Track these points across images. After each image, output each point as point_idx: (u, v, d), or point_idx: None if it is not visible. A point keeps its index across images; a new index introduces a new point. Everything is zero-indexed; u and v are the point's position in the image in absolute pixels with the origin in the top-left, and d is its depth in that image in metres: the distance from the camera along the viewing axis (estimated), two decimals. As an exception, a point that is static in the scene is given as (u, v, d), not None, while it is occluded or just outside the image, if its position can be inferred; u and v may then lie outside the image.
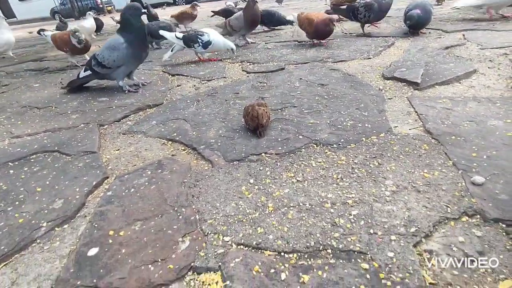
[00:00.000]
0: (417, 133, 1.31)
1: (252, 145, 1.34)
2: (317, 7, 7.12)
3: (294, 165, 1.16)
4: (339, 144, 1.27)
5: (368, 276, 0.71)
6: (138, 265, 0.81)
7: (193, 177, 1.16)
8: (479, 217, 0.84)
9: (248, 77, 2.38)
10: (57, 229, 0.98)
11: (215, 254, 0.81)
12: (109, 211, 1.02)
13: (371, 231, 0.82)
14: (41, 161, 1.40)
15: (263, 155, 1.26)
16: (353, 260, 0.75)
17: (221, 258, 0.79)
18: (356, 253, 0.77)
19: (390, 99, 1.70)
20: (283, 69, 2.45)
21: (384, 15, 3.27)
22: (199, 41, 2.75)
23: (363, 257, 0.76)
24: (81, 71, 2.35)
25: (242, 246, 0.83)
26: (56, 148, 1.50)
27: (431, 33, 3.07)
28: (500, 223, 0.81)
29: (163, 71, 2.81)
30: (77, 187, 1.18)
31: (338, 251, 0.78)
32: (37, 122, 1.87)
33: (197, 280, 0.76)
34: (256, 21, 3.42)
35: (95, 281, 0.78)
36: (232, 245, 0.83)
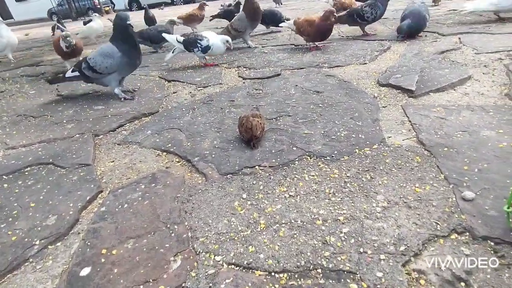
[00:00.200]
0: (410, 144, 1.32)
1: (246, 157, 1.34)
2: (315, 7, 7.13)
3: (287, 178, 1.17)
4: (333, 156, 1.27)
5: (357, 297, 0.72)
6: (129, 286, 0.81)
7: (187, 191, 1.17)
8: (468, 234, 0.85)
9: (244, 83, 2.38)
10: (50, 247, 0.99)
11: (206, 274, 0.81)
12: (102, 228, 1.02)
13: (361, 250, 0.83)
14: (35, 174, 1.41)
15: (257, 168, 1.26)
16: (342, 280, 0.76)
17: (212, 278, 0.80)
18: (345, 273, 0.78)
19: (384, 107, 1.70)
20: (279, 75, 2.45)
21: (384, 11, 3.32)
22: (198, 45, 2.75)
23: (352, 277, 0.76)
24: (68, 71, 2.34)
25: (233, 266, 0.83)
26: (50, 160, 1.50)
27: (427, 36, 3.07)
28: (488, 241, 0.82)
29: (159, 77, 2.80)
30: (71, 202, 1.18)
31: (328, 271, 0.79)
32: (32, 132, 1.88)
33: (188, 301, 0.77)
34: (258, 14, 3.41)
35: (86, 303, 0.78)
36: (223, 265, 0.84)
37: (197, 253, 0.88)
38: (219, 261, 0.85)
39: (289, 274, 0.79)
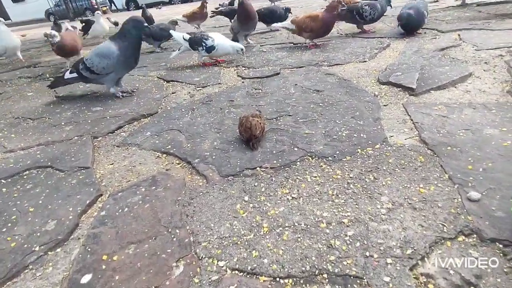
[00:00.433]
0: (413, 143, 1.30)
1: (247, 158, 1.32)
2: (312, 5, 7.11)
3: (289, 180, 1.15)
4: (335, 156, 1.26)
5: (364, 303, 0.70)
6: (131, 293, 0.79)
7: (188, 194, 1.15)
8: (475, 236, 0.83)
9: (243, 83, 2.36)
10: (50, 253, 0.97)
11: (210, 280, 0.80)
12: (103, 233, 1.00)
13: (367, 254, 0.81)
14: (34, 178, 1.39)
15: (258, 169, 1.24)
16: (349, 285, 0.75)
17: (215, 285, 0.78)
18: (352, 277, 0.76)
19: (385, 105, 1.69)
20: (278, 74, 2.43)
21: (381, 16, 3.38)
22: (203, 44, 2.74)
23: (359, 282, 0.75)
24: (66, 72, 2.34)
25: (236, 271, 0.82)
26: (49, 163, 1.48)
27: (426, 33, 3.06)
28: (497, 243, 0.80)
29: (158, 77, 2.78)
30: (70, 206, 1.16)
31: (334, 276, 0.77)
32: (30, 134, 1.85)
33: (192, 308, 0.75)
34: (248, 16, 3.28)
35: (88, 311, 0.77)
36: (226, 271, 0.82)
37: (200, 258, 0.87)
38: (222, 266, 0.83)
39: (294, 279, 0.78)
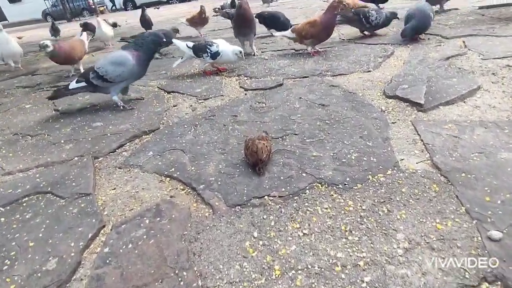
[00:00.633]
0: (425, 168, 1.26)
1: (254, 185, 1.28)
2: (312, 6, 7.05)
3: (299, 212, 1.11)
4: (345, 184, 1.22)
5: None
6: None
7: (194, 228, 1.11)
8: (500, 284, 0.79)
9: (246, 95, 2.31)
10: (51, 297, 0.93)
11: (221, 335, 0.76)
12: (107, 275, 0.96)
13: (386, 304, 0.77)
14: (34, 206, 1.34)
15: (266, 198, 1.20)
16: None
17: None
18: (371, 332, 0.72)
19: (393, 123, 1.64)
20: (282, 85, 2.38)
21: (386, 25, 3.37)
22: (208, 51, 2.70)
23: (379, 337, 0.71)
24: (71, 82, 2.28)
25: (249, 323, 0.78)
26: (49, 188, 1.44)
27: (430, 39, 3.01)
28: (523, 292, 0.76)
29: (158, 87, 2.74)
30: (72, 240, 1.12)
31: (352, 330, 0.73)
32: (29, 154, 1.81)
33: None
34: (243, 22, 3.21)
35: None
36: (238, 322, 0.78)
37: (209, 306, 0.83)
38: (234, 317, 0.79)
39: (310, 333, 0.74)
